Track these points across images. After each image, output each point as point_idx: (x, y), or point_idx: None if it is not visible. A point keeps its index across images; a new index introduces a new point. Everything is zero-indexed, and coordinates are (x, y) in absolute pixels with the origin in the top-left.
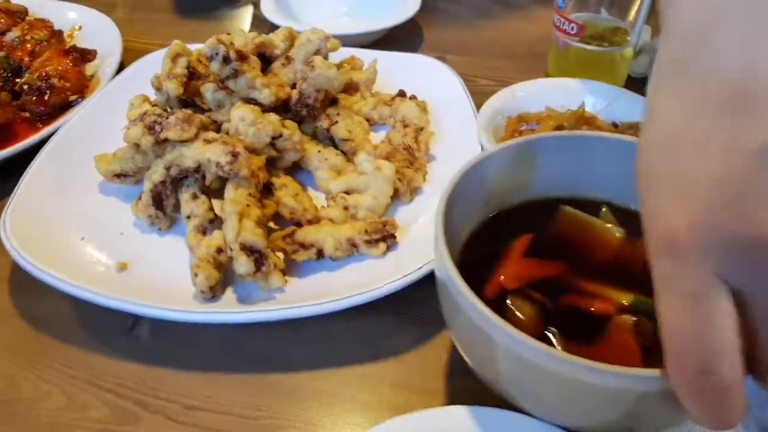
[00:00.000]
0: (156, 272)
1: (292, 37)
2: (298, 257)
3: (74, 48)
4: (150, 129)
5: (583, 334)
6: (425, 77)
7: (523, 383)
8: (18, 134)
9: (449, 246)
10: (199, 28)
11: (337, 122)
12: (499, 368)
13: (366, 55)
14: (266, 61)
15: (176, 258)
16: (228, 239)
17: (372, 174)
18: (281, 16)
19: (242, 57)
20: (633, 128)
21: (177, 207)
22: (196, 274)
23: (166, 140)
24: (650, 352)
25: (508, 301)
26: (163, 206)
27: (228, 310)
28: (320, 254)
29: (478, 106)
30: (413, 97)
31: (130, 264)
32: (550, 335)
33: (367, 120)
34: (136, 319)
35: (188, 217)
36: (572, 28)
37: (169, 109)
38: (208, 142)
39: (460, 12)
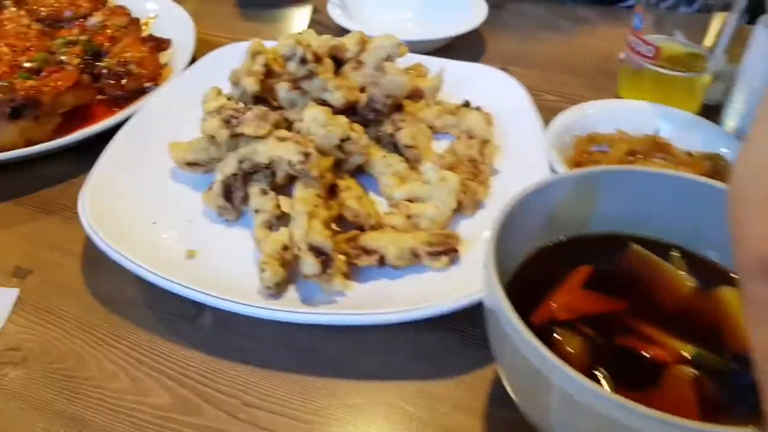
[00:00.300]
0: (222, 262)
1: (363, 42)
2: (360, 262)
3: (151, 36)
4: (227, 122)
5: (634, 379)
6: (490, 88)
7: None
8: (95, 115)
9: (500, 272)
10: (262, 25)
11: (401, 128)
12: (549, 410)
13: (431, 63)
14: (337, 63)
15: (242, 249)
16: (296, 238)
17: (436, 184)
18: (346, 19)
19: (317, 59)
20: (710, 159)
21: (245, 200)
22: (263, 270)
23: (240, 134)
24: (708, 411)
25: (555, 334)
26: (232, 198)
27: (293, 309)
28: (382, 261)
29: (545, 121)
30: (478, 108)
31: (198, 252)
32: (599, 375)
33: (430, 128)
34: (201, 308)
35: (256, 211)
36: (649, 51)
37: (243, 104)
38: (281, 140)
39: (524, 23)
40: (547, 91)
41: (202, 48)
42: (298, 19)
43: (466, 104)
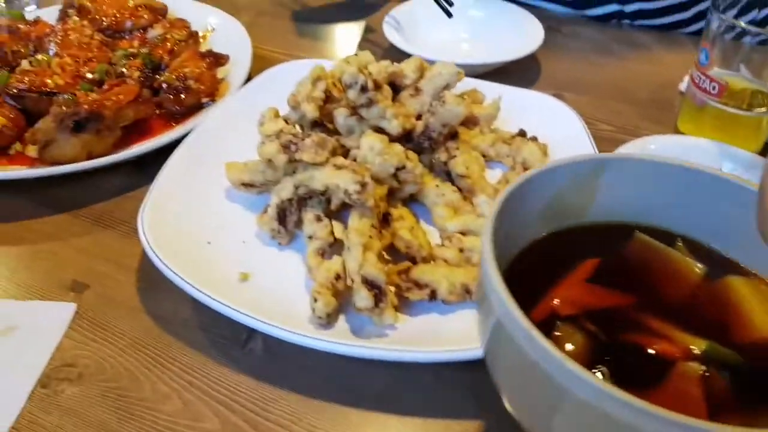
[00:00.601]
0: (275, 287)
1: (422, 68)
2: (411, 296)
3: (210, 52)
4: (285, 148)
5: (640, 377)
6: (545, 116)
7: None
8: (153, 129)
9: (498, 263)
10: (317, 41)
11: (455, 156)
12: (547, 410)
13: (486, 88)
14: (395, 89)
15: (294, 274)
16: (350, 269)
17: None
18: (401, 39)
19: (377, 86)
20: None
21: (299, 224)
22: (315, 299)
23: (298, 160)
24: (718, 411)
25: (557, 330)
26: (286, 222)
27: (343, 342)
28: (433, 295)
29: (600, 152)
30: (534, 139)
31: (251, 275)
32: (599, 374)
33: (483, 156)
34: (251, 333)
35: (310, 237)
36: (713, 88)
37: (300, 128)
38: (338, 167)
39: (579, 47)
40: (602, 120)
41: (258, 63)
42: (352, 36)
43: (522, 134)
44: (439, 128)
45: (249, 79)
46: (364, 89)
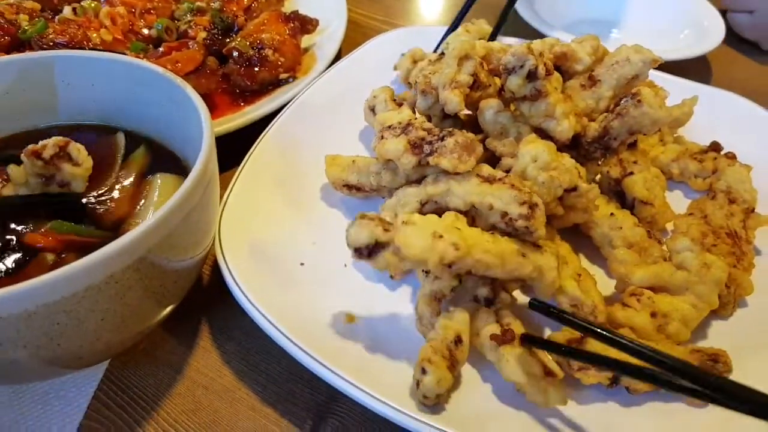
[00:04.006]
0: (378, 336)
1: (599, 51)
2: (585, 379)
3: (296, 15)
4: (415, 147)
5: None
6: (735, 123)
7: None
8: (217, 106)
9: None
10: (420, 6)
11: (632, 173)
12: None
13: (659, 82)
14: (560, 75)
15: (401, 317)
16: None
17: (696, 272)
18: (533, 14)
19: (548, 73)
20: None
21: None
22: (423, 371)
23: (430, 165)
24: None
25: None
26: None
27: None
28: (616, 381)
29: None
30: (732, 156)
31: (357, 318)
32: None
33: (662, 173)
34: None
35: (426, 272)
36: None
37: (427, 119)
38: (486, 180)
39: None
40: None
41: (354, 31)
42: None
43: (715, 147)
44: (623, 136)
45: (339, 51)
46: (531, 76)
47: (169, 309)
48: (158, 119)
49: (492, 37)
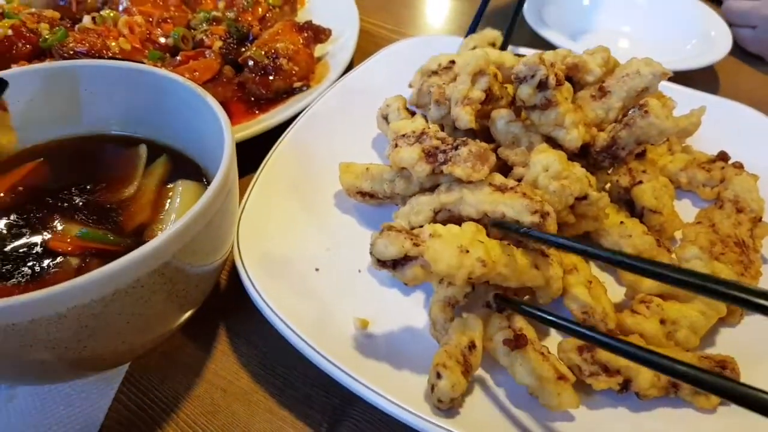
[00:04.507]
0: (392, 341)
1: (610, 63)
2: (596, 384)
3: (309, 25)
4: (429, 156)
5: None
6: (745, 134)
7: None
8: (232, 114)
9: None
10: (430, 16)
11: (641, 182)
12: None
13: (668, 92)
14: (572, 86)
15: (415, 322)
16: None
17: None
18: (541, 24)
19: (559, 83)
20: None
21: None
22: (438, 375)
23: (444, 173)
24: None
25: None
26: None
27: None
28: (626, 386)
29: None
30: (739, 166)
31: (371, 322)
32: None
33: (671, 182)
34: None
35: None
36: None
37: (440, 129)
38: (498, 189)
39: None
40: None
41: (366, 41)
42: (468, 11)
43: (723, 157)
44: (631, 146)
45: (352, 60)
46: (542, 85)
47: (190, 312)
48: (179, 127)
49: (503, 47)
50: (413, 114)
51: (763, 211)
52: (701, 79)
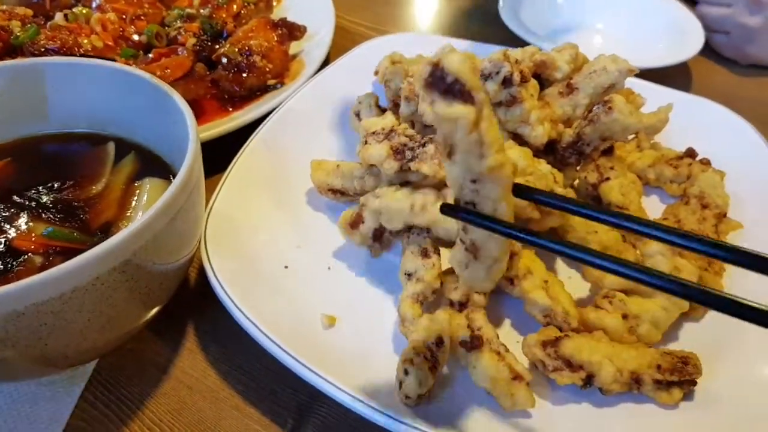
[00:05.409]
0: (361, 338)
1: (578, 60)
2: (559, 379)
3: (284, 22)
4: (397, 153)
5: None
6: (713, 131)
7: None
8: (205, 112)
9: None
10: (406, 12)
11: (608, 179)
12: None
13: (637, 88)
14: (539, 83)
15: (384, 319)
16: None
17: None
18: (517, 22)
19: (524, 80)
20: None
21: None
22: (405, 372)
23: (412, 170)
24: None
25: None
26: (383, 240)
27: None
28: (589, 381)
29: None
30: (706, 162)
31: (339, 319)
32: None
33: (639, 178)
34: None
35: (408, 275)
36: None
37: (411, 126)
38: None
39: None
40: None
41: (342, 38)
42: (448, 8)
43: (691, 153)
44: (596, 142)
45: (327, 57)
46: (507, 82)
47: (155, 310)
48: (147, 125)
49: None
50: (384, 112)
51: (728, 207)
52: (675, 74)
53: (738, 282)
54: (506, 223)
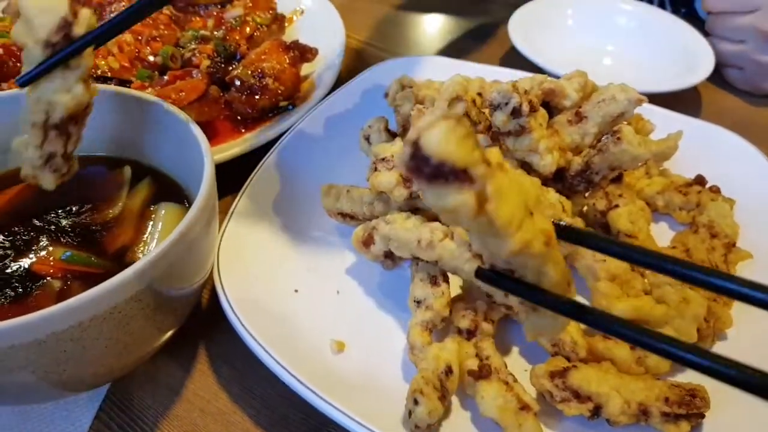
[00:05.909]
0: (370, 364)
1: (587, 88)
2: (567, 410)
3: (296, 44)
4: (407, 180)
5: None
6: (723, 158)
7: None
8: (218, 133)
9: None
10: (419, 34)
11: (617, 206)
12: None
13: (647, 114)
14: (548, 111)
15: (393, 345)
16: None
17: (675, 307)
18: (527, 45)
19: (533, 110)
20: None
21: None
22: (415, 401)
23: (419, 197)
24: None
25: None
26: (394, 258)
27: None
28: (596, 413)
29: None
30: (716, 190)
31: (348, 345)
32: None
33: (648, 205)
34: None
35: (418, 302)
36: None
37: None
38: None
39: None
40: None
41: (351, 58)
42: (457, 30)
43: (700, 180)
44: (605, 171)
45: (338, 79)
46: (516, 113)
47: (169, 334)
48: (162, 150)
49: None
50: (395, 136)
51: (738, 236)
52: (684, 98)
53: (746, 313)
54: (562, 299)
